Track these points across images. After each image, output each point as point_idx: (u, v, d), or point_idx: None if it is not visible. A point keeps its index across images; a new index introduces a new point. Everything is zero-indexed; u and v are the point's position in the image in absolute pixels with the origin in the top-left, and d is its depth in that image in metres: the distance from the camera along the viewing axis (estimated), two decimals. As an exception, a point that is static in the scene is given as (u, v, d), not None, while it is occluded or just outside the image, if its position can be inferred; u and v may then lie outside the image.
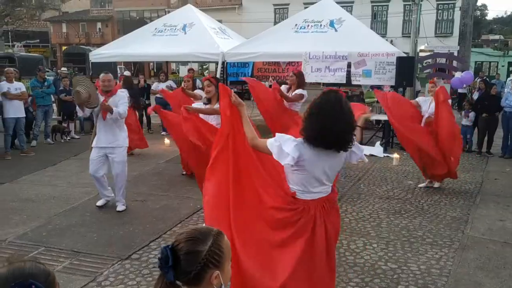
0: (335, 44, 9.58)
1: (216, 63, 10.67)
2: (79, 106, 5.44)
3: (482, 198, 6.55)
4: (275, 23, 26.43)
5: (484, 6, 50.12)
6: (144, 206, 6.02)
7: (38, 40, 41.33)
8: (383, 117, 9.44)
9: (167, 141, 9.86)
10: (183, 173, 7.51)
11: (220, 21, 14.39)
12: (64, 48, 36.55)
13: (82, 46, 29.38)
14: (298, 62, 10.08)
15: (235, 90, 3.36)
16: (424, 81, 10.35)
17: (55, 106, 11.06)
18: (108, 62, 12.33)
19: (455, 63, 12.44)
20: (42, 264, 1.28)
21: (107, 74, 5.64)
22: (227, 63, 10.78)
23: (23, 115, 8.96)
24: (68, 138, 10.72)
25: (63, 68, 15.83)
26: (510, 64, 31.07)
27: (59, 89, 10.91)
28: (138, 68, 22.40)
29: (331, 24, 10.15)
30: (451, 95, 14.37)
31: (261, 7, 30.84)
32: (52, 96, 10.55)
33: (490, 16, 55.16)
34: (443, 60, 12.38)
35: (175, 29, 11.43)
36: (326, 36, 9.95)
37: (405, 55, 10.08)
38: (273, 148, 2.84)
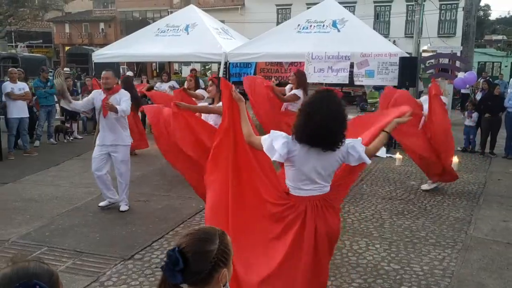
0: (338, 44, 9.56)
1: (219, 64, 10.66)
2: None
3: (485, 199, 6.53)
4: (278, 23, 26.40)
5: (487, 6, 50.00)
6: (147, 206, 6.02)
7: (41, 41, 41.53)
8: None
9: None
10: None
11: (222, 21, 14.36)
12: (67, 48, 36.70)
13: (85, 47, 29.46)
14: (300, 63, 10.06)
15: (238, 91, 3.37)
16: (427, 81, 10.34)
17: (58, 107, 11.08)
18: (111, 63, 12.35)
19: (458, 64, 12.42)
20: (45, 264, 1.29)
21: (107, 72, 5.68)
22: (229, 63, 10.78)
23: (27, 115, 8.99)
24: (71, 138, 10.74)
25: (65, 69, 15.86)
26: (514, 64, 30.98)
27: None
28: (140, 68, 22.44)
29: (334, 24, 10.14)
30: (454, 96, 14.37)
31: (263, 8, 30.86)
32: (55, 97, 10.57)
33: (493, 16, 55.07)
34: (446, 61, 12.36)
35: (178, 29, 11.44)
36: (328, 36, 9.94)
37: (408, 55, 10.05)
38: (264, 144, 2.93)
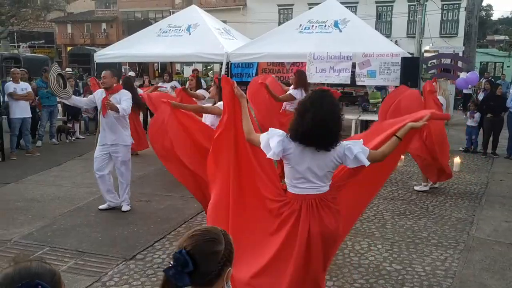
0: (340, 44, 9.55)
1: (221, 64, 10.67)
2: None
3: (487, 199, 6.52)
4: (280, 23, 26.41)
5: (489, 7, 49.80)
6: (149, 206, 6.03)
7: (43, 41, 41.56)
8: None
9: None
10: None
11: (224, 21, 14.37)
12: (69, 48, 36.73)
13: (87, 47, 29.47)
14: (302, 63, 10.06)
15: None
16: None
17: (60, 107, 11.10)
18: (113, 63, 12.35)
19: (460, 64, 12.40)
20: (48, 264, 1.29)
21: (105, 71, 5.71)
22: (231, 63, 10.78)
23: (29, 115, 9.01)
24: (73, 139, 10.76)
25: (67, 69, 15.89)
26: (516, 64, 30.92)
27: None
28: (142, 68, 22.43)
29: (336, 24, 10.13)
30: (456, 96, 14.36)
31: (265, 8, 30.83)
32: (57, 97, 10.60)
33: (496, 16, 54.81)
34: (448, 61, 12.34)
35: (180, 29, 11.44)
36: (330, 36, 9.93)
37: (410, 55, 10.04)
38: (262, 141, 2.97)
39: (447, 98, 7.15)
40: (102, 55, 11.81)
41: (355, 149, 2.89)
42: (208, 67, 28.81)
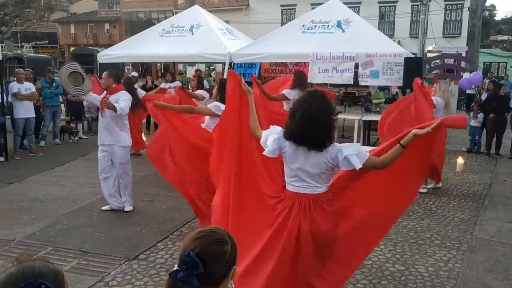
0: (343, 44, 9.54)
1: (223, 64, 10.67)
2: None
3: (490, 200, 6.50)
4: (282, 23, 26.43)
5: (492, 7, 49.68)
6: (151, 206, 6.04)
7: (47, 41, 41.68)
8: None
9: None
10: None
11: (227, 22, 14.39)
12: (72, 49, 36.75)
13: (90, 47, 29.51)
14: (305, 63, 10.04)
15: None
16: (432, 82, 10.29)
17: (63, 107, 11.13)
18: (116, 63, 12.37)
19: (463, 64, 12.33)
20: (51, 263, 1.29)
21: (104, 72, 5.74)
22: (234, 64, 10.78)
23: (33, 115, 9.04)
24: (76, 139, 10.78)
25: (71, 69, 15.88)
26: (519, 64, 30.82)
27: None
28: (145, 69, 22.47)
29: (339, 24, 10.12)
30: (459, 96, 14.29)
31: (268, 8, 30.85)
32: (60, 97, 10.63)
33: (499, 16, 54.63)
34: (451, 61, 12.28)
35: (183, 30, 11.45)
36: (333, 36, 9.92)
37: (413, 55, 10.02)
38: (262, 138, 3.04)
39: (447, 99, 7.05)
40: (105, 56, 11.84)
41: (346, 151, 2.85)
42: (211, 68, 28.85)
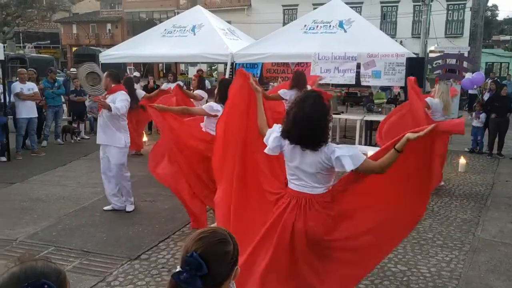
0: (345, 45, 9.54)
1: (225, 64, 10.68)
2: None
3: (493, 200, 6.49)
4: (284, 24, 26.39)
5: (495, 7, 49.57)
6: (153, 206, 6.04)
7: (49, 41, 41.79)
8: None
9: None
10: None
11: (229, 22, 14.37)
12: (74, 49, 36.86)
13: (92, 47, 29.57)
14: (307, 63, 10.05)
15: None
16: (434, 82, 10.28)
17: (65, 107, 11.15)
18: (118, 63, 12.40)
19: (465, 64, 12.32)
20: (53, 263, 1.29)
21: (105, 72, 5.80)
22: (236, 64, 10.79)
23: (36, 115, 9.04)
24: (78, 139, 10.80)
25: (72, 69, 15.93)
26: (521, 65, 30.76)
27: (70, 90, 11.01)
28: (147, 69, 22.49)
29: (340, 24, 10.12)
30: (461, 96, 14.27)
31: (270, 8, 30.84)
32: (62, 97, 10.65)
33: (501, 16, 54.48)
34: (453, 61, 12.26)
35: (184, 30, 11.47)
36: (335, 37, 9.92)
37: (414, 56, 10.01)
38: (266, 135, 3.08)
39: (445, 101, 6.99)
40: (107, 56, 11.86)
41: (339, 151, 2.84)
42: (213, 68, 28.86)
